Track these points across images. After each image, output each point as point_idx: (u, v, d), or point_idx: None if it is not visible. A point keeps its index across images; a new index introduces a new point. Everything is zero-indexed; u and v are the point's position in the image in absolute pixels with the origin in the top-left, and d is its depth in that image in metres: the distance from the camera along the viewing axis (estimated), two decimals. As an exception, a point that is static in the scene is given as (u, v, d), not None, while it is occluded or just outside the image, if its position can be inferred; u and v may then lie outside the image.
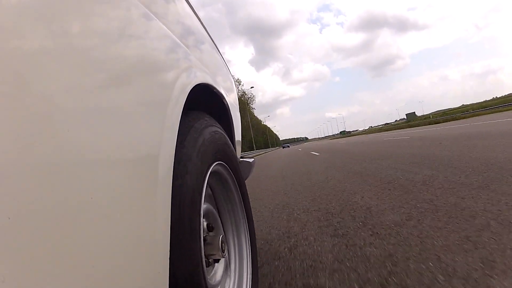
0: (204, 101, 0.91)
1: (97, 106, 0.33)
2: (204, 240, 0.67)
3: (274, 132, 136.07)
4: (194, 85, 0.63)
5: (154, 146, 0.43)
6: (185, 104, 0.57)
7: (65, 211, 0.26)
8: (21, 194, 0.23)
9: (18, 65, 0.25)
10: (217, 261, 0.75)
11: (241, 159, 1.30)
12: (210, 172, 0.69)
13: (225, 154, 0.83)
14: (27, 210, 0.23)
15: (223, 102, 1.01)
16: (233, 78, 1.49)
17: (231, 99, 1.22)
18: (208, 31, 1.07)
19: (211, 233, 0.74)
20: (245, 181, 1.08)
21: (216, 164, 0.75)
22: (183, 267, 0.48)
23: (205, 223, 0.73)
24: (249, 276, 0.86)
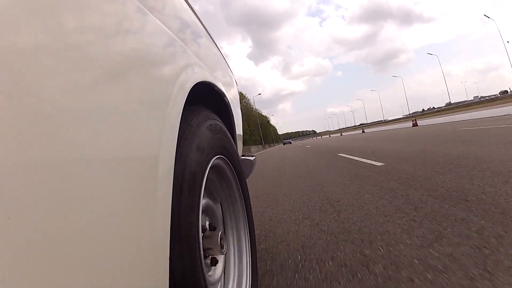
0: (204, 99, 0.91)
1: (97, 105, 0.33)
2: (203, 236, 0.67)
3: (270, 122, 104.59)
4: (194, 83, 0.63)
5: (154, 145, 0.43)
6: (185, 102, 0.57)
7: (65, 211, 0.26)
8: (21, 194, 0.23)
9: (15, 63, 0.24)
10: (216, 262, 0.76)
11: (242, 157, 1.30)
12: (210, 167, 0.69)
13: (226, 149, 0.83)
14: (27, 210, 0.23)
15: (224, 99, 1.00)
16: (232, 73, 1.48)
17: (232, 96, 1.21)
18: (205, 26, 1.06)
19: (210, 230, 0.74)
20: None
21: (217, 158, 0.75)
22: (181, 264, 0.48)
23: (207, 223, 0.74)
24: (249, 272, 0.86)
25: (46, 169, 0.25)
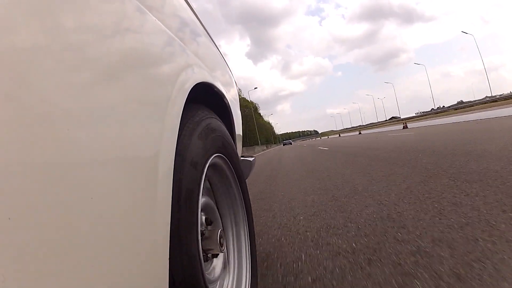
0: (204, 99, 0.91)
1: (97, 106, 0.33)
2: (202, 234, 0.67)
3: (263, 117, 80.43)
4: (193, 84, 0.63)
5: (154, 146, 0.43)
6: (185, 101, 0.57)
7: (65, 211, 0.26)
8: (21, 194, 0.23)
9: (14, 63, 0.24)
10: (216, 256, 0.76)
11: (241, 158, 1.30)
12: (209, 165, 0.69)
13: (224, 147, 0.83)
14: (27, 210, 0.23)
15: (223, 99, 1.00)
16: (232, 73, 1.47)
17: (231, 96, 1.21)
18: (204, 25, 1.06)
19: (209, 228, 0.75)
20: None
21: (215, 156, 0.75)
22: (180, 263, 0.48)
23: (203, 218, 0.74)
24: (249, 271, 0.87)
25: (46, 169, 0.25)
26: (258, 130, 56.21)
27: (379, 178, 2.81)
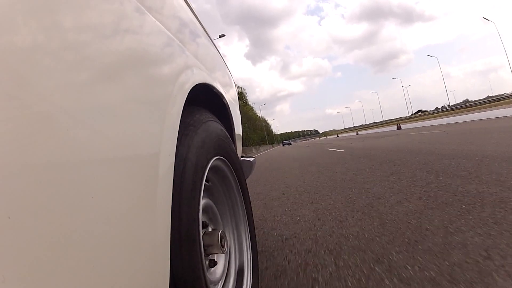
0: (203, 99, 0.91)
1: (97, 106, 0.33)
2: (203, 236, 0.67)
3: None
4: (193, 85, 0.63)
5: (154, 146, 0.43)
6: (185, 102, 0.57)
7: (65, 211, 0.26)
8: (21, 194, 0.23)
9: (14, 63, 0.24)
10: (217, 258, 0.75)
11: (242, 158, 1.30)
12: (210, 167, 0.69)
13: (225, 150, 0.83)
14: (27, 210, 0.23)
15: (223, 100, 1.00)
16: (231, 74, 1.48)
17: (230, 96, 1.21)
18: (203, 25, 1.06)
19: (210, 229, 0.74)
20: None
21: (216, 159, 0.75)
22: (182, 264, 0.48)
23: (204, 219, 0.74)
24: (250, 271, 0.87)
25: (46, 169, 0.25)
26: (247, 126, 39.06)
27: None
